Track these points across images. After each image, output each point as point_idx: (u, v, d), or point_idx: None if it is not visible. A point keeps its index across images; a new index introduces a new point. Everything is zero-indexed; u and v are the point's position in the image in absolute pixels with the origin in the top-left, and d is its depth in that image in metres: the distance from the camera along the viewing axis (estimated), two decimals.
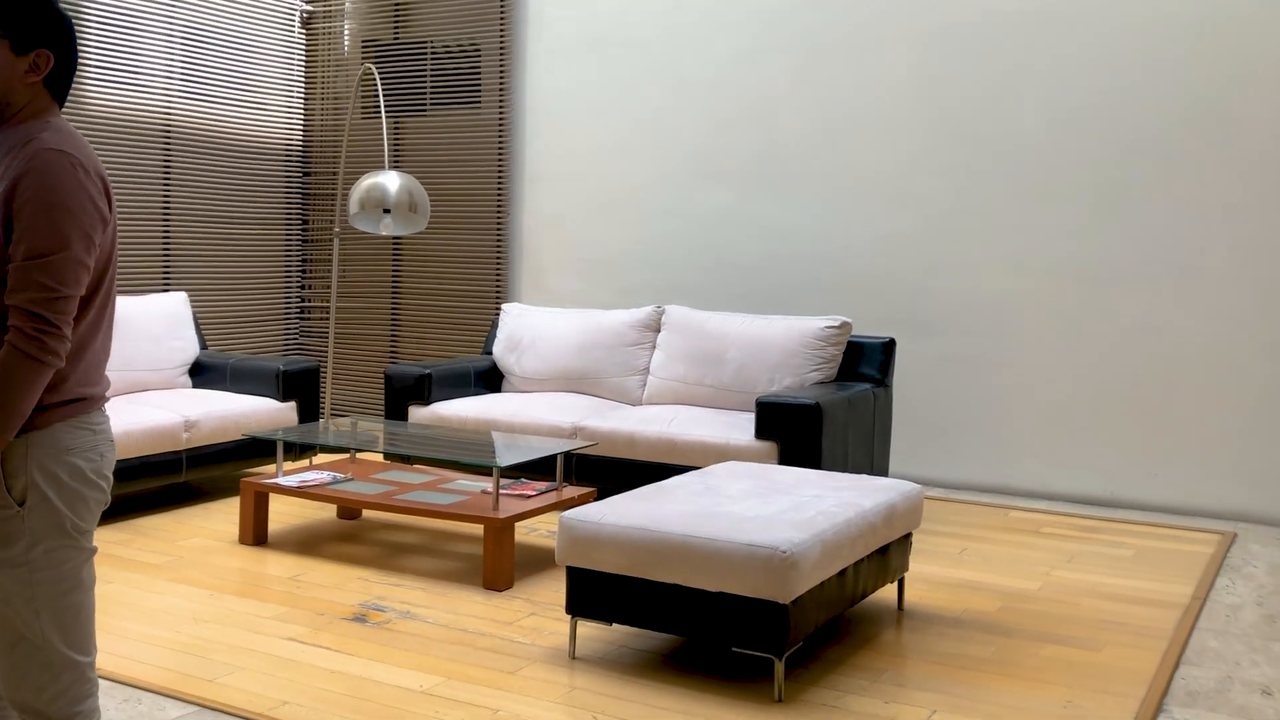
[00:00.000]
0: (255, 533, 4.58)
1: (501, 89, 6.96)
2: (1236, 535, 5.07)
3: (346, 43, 7.46)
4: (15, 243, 1.82)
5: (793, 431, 4.73)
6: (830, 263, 6.16)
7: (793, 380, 5.29)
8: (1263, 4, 5.24)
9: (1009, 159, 5.76)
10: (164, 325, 5.76)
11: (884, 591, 4.12)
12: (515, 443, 4.69)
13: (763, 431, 4.80)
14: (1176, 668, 3.41)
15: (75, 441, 1.90)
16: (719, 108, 6.41)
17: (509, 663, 3.35)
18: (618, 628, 3.65)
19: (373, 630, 3.60)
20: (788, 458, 4.74)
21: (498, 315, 6.32)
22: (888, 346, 5.38)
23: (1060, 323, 5.69)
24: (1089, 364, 5.64)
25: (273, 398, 5.65)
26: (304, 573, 4.21)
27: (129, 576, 4.12)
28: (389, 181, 5.90)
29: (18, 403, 1.80)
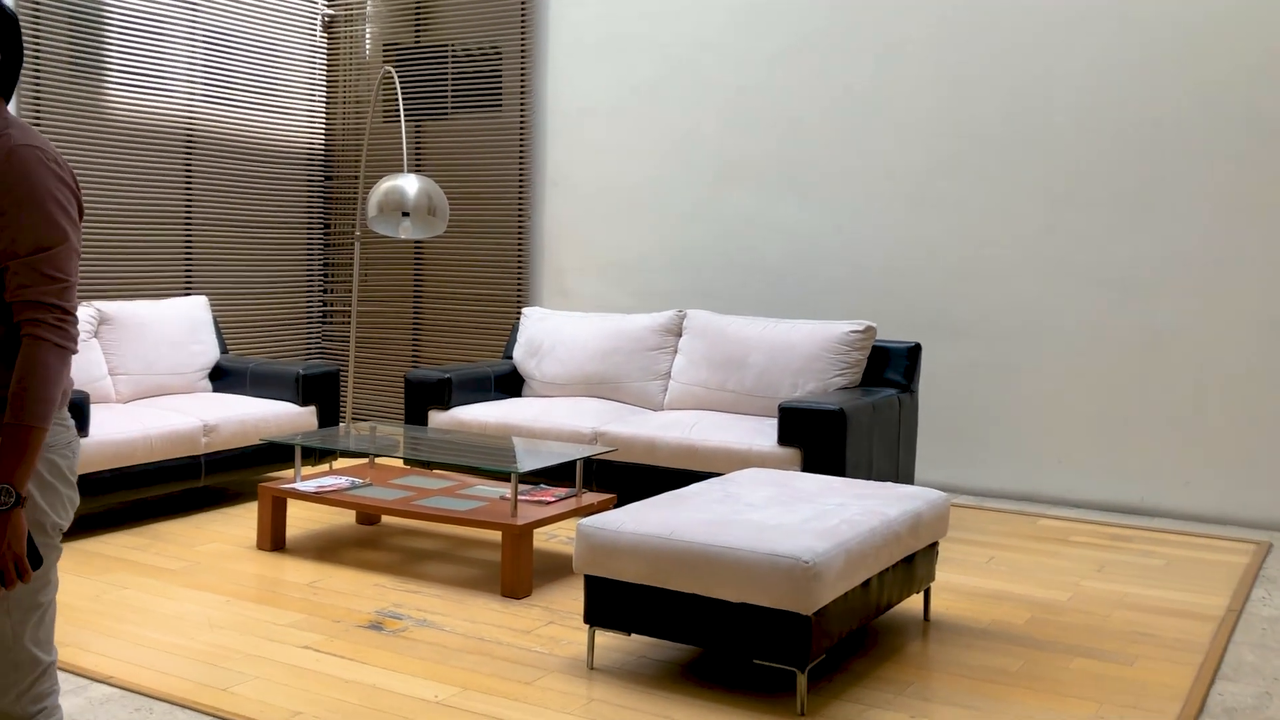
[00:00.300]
0: (273, 538, 4.55)
1: (523, 92, 6.92)
2: (1272, 545, 4.95)
3: (368, 46, 7.44)
4: (9, 240, 1.79)
5: (816, 438, 4.66)
6: (855, 267, 6.08)
7: (816, 386, 5.21)
8: None
9: (1038, 162, 5.67)
10: (184, 329, 5.75)
11: (910, 602, 4.04)
12: (535, 448, 4.64)
13: (785, 438, 4.73)
14: (1213, 683, 3.31)
15: (54, 438, 1.89)
16: (742, 110, 6.34)
17: (526, 673, 3.29)
18: (636, 638, 3.59)
19: (389, 638, 3.55)
20: (811, 465, 4.67)
21: (518, 319, 6.28)
22: (913, 351, 5.30)
23: (1090, 327, 5.59)
24: (1120, 369, 5.53)
25: (293, 402, 5.63)
26: (321, 579, 4.17)
27: (145, 582, 4.09)
28: (408, 184, 5.87)
29: (55, 393, 1.81)
